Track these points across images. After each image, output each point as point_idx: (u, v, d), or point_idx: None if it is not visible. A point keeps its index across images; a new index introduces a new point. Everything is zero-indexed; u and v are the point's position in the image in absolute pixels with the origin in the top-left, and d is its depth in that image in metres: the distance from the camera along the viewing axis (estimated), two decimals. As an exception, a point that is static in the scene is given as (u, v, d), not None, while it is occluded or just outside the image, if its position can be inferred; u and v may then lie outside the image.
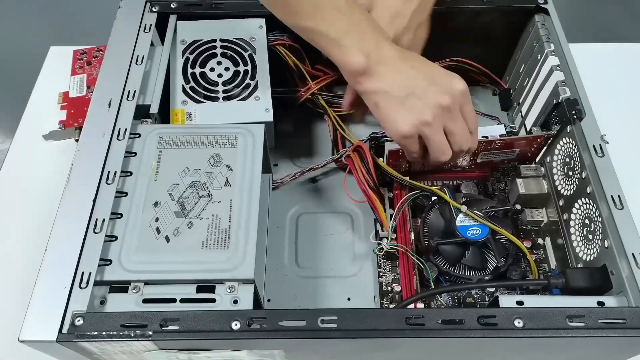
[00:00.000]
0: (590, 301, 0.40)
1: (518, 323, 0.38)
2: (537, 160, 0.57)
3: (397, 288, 0.52)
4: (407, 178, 0.53)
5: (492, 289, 0.51)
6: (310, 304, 0.52)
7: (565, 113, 0.50)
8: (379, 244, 0.52)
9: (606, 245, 0.43)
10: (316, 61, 0.60)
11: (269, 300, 0.52)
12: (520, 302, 0.40)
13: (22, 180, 0.63)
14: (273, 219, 0.57)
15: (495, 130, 0.54)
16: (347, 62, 0.45)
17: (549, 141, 0.54)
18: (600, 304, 0.40)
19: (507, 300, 0.40)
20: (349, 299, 0.53)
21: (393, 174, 0.53)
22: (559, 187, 0.52)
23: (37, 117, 0.68)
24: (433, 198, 0.54)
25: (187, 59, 0.55)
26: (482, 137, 0.53)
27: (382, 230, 0.53)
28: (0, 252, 0.58)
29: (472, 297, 0.52)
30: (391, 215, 0.53)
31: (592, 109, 0.49)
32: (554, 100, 0.53)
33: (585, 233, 0.47)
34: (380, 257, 0.54)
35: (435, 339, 0.38)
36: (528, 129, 0.59)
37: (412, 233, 0.53)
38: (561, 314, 0.38)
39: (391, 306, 0.51)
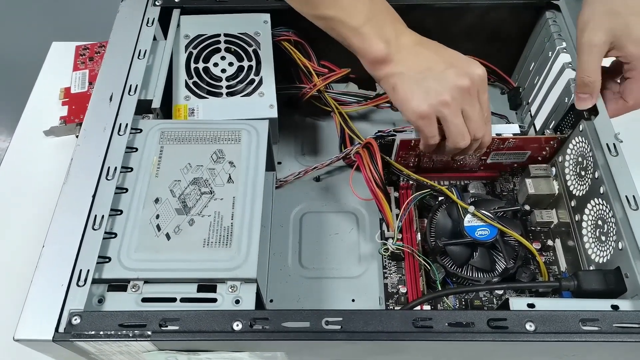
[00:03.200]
0: (604, 304, 0.39)
1: (530, 326, 0.36)
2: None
3: (403, 289, 0.51)
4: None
5: (501, 292, 0.50)
6: (314, 305, 0.51)
7: (582, 114, 0.49)
8: (385, 244, 0.51)
9: (620, 247, 0.42)
10: (322, 58, 0.59)
11: (271, 300, 0.51)
12: (531, 305, 0.39)
13: (22, 176, 0.62)
14: (276, 217, 0.56)
15: (509, 129, 0.53)
16: (368, 50, 0.44)
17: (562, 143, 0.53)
18: (615, 307, 0.38)
19: (518, 303, 0.39)
20: (353, 300, 0.51)
21: (402, 170, 0.52)
22: (571, 188, 0.51)
23: (38, 112, 0.67)
24: (440, 198, 0.53)
25: (191, 53, 0.54)
26: (496, 134, 0.52)
27: (388, 231, 0.52)
28: (0, 249, 0.57)
29: (479, 299, 0.50)
30: (397, 215, 0.52)
31: (605, 106, 0.48)
32: (565, 99, 0.52)
33: (598, 234, 0.46)
34: (385, 258, 0.53)
35: (444, 342, 0.36)
36: (538, 129, 0.58)
37: (419, 233, 0.52)
38: (574, 318, 0.37)
39: (397, 308, 0.50)
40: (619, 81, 0.49)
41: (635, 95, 0.47)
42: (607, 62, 0.48)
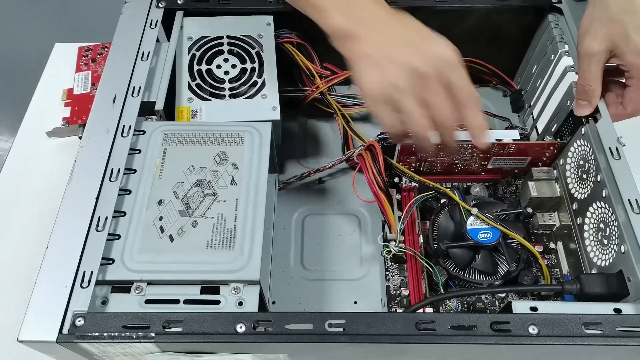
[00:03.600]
0: (606, 308, 0.39)
1: (533, 330, 0.36)
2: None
3: (405, 292, 0.51)
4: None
5: (503, 294, 0.50)
6: (316, 307, 0.51)
7: (581, 120, 0.49)
8: (387, 246, 0.51)
9: (623, 251, 0.42)
10: (325, 60, 0.59)
11: (273, 302, 0.51)
12: (534, 308, 0.39)
13: (24, 177, 0.62)
14: (279, 220, 0.56)
15: (509, 135, 0.53)
16: (329, 25, 0.44)
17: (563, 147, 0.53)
18: (617, 311, 0.38)
19: (521, 306, 0.39)
20: (355, 302, 0.51)
21: (404, 171, 0.52)
22: (573, 191, 0.51)
23: (41, 113, 0.67)
24: (442, 200, 0.53)
25: (194, 55, 0.54)
26: (496, 139, 0.52)
27: (390, 233, 0.52)
28: (2, 250, 0.57)
29: (482, 302, 0.50)
30: (399, 218, 0.52)
31: (607, 110, 0.48)
32: (568, 102, 0.52)
33: (600, 238, 0.46)
34: (388, 260, 0.53)
35: (447, 345, 0.36)
36: (540, 132, 0.58)
37: (421, 236, 0.52)
38: (577, 321, 0.37)
39: (399, 310, 0.50)
40: (616, 90, 0.49)
41: (634, 103, 0.47)
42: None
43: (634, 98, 0.46)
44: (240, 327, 0.36)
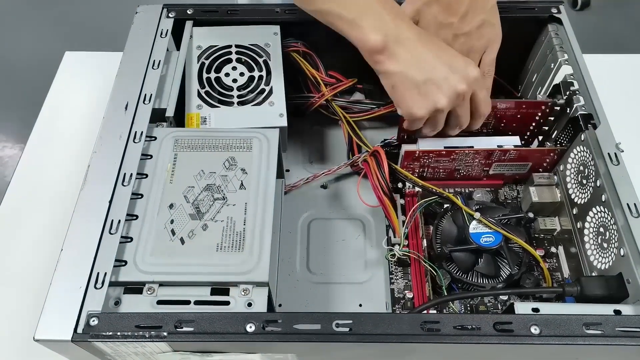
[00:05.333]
0: (606, 309, 0.40)
1: (535, 330, 0.37)
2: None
3: (409, 295, 0.52)
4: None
5: (505, 297, 0.51)
6: (322, 309, 0.52)
7: (580, 128, 0.50)
8: (391, 250, 0.52)
9: (622, 254, 0.43)
10: (330, 68, 0.61)
11: (280, 305, 0.52)
12: (535, 309, 0.40)
13: (36, 184, 0.64)
14: (285, 224, 0.57)
15: (510, 141, 0.54)
16: (365, 42, 0.45)
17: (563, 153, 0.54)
18: (617, 312, 0.39)
19: (523, 307, 0.40)
20: (360, 305, 0.52)
21: (408, 177, 0.53)
22: (573, 196, 0.52)
23: (51, 121, 0.69)
24: (445, 205, 0.54)
25: (203, 64, 0.56)
26: (497, 146, 0.53)
27: (395, 237, 0.53)
28: (17, 253, 0.58)
29: (484, 304, 0.51)
30: (403, 222, 0.53)
31: (606, 116, 0.49)
32: (567, 109, 0.53)
33: (599, 241, 0.47)
34: (392, 264, 0.54)
35: (451, 344, 0.37)
36: (540, 139, 0.59)
37: (425, 240, 0.53)
38: (578, 322, 0.38)
39: (404, 312, 0.51)
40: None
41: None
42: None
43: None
44: (250, 327, 0.37)
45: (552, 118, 0.55)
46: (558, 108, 0.54)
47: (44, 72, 0.79)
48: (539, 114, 0.55)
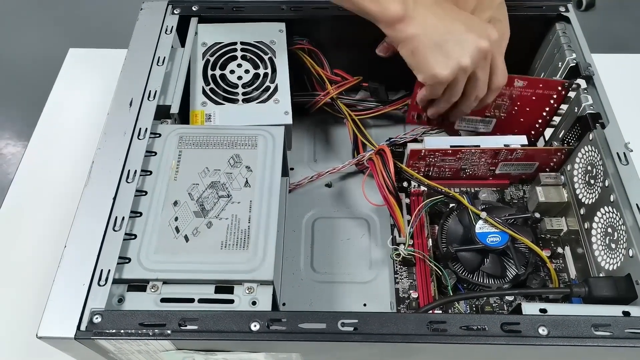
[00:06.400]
0: (615, 310, 0.39)
1: (542, 331, 0.37)
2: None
3: (414, 295, 0.51)
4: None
5: (511, 298, 0.50)
6: (326, 309, 0.51)
7: (588, 127, 0.50)
8: (396, 249, 0.52)
9: (631, 254, 0.42)
10: (335, 66, 0.61)
11: (284, 304, 0.52)
12: (543, 310, 0.39)
13: (39, 181, 0.63)
14: (289, 223, 0.57)
15: (517, 140, 0.54)
16: (384, 12, 0.45)
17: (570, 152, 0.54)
18: (626, 313, 0.39)
19: (530, 308, 0.39)
20: (365, 304, 0.52)
21: (414, 176, 0.53)
22: (580, 196, 0.51)
23: (55, 118, 0.69)
24: (451, 205, 0.54)
25: (208, 61, 0.55)
26: (504, 145, 0.53)
27: (400, 236, 0.53)
28: (20, 251, 0.58)
29: (490, 305, 0.51)
30: (408, 221, 0.53)
31: (615, 116, 0.49)
32: (575, 108, 0.53)
33: (607, 242, 0.46)
34: (397, 263, 0.54)
35: (458, 344, 0.37)
36: (547, 138, 0.59)
37: (430, 239, 0.52)
38: (586, 323, 0.37)
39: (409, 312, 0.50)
40: None
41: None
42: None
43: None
44: (255, 326, 0.37)
45: (564, 108, 0.55)
46: (573, 94, 0.53)
47: (48, 68, 0.79)
48: (554, 96, 0.54)
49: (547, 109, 0.55)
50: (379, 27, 0.47)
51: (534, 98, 0.54)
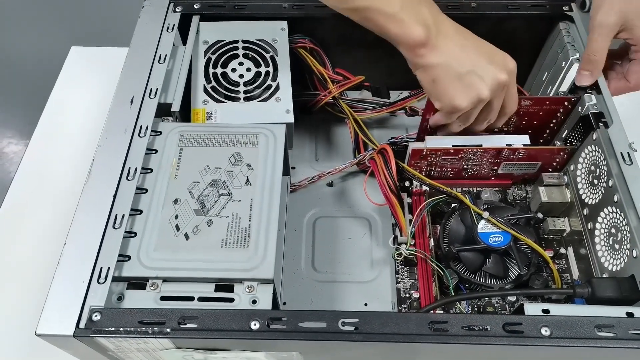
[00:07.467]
0: (618, 311, 0.39)
1: (545, 331, 0.36)
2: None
3: (416, 294, 0.51)
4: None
5: (514, 298, 0.50)
6: (327, 308, 0.51)
7: (591, 126, 0.49)
8: (398, 249, 0.51)
9: (635, 255, 0.42)
10: (337, 65, 0.60)
11: (284, 303, 0.52)
12: (546, 311, 0.39)
13: (40, 178, 0.63)
14: (290, 222, 0.57)
15: (519, 140, 0.53)
16: (407, 35, 0.44)
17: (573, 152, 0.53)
18: (630, 314, 0.38)
19: (533, 308, 0.39)
20: (366, 304, 0.52)
21: (416, 175, 0.53)
22: (583, 196, 0.51)
23: (56, 116, 0.69)
24: (453, 204, 0.54)
25: (209, 59, 0.55)
26: (507, 144, 0.52)
27: (401, 236, 0.52)
28: (19, 248, 0.58)
29: (492, 305, 0.50)
30: (410, 221, 0.53)
31: (619, 115, 0.48)
32: (579, 108, 0.52)
33: (611, 242, 0.46)
34: (398, 263, 0.53)
35: (459, 345, 0.37)
36: (548, 139, 0.58)
37: (432, 239, 0.52)
38: (589, 324, 0.37)
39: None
40: (621, 64, 0.53)
41: (637, 77, 0.51)
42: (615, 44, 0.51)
43: (637, 71, 0.50)
44: (255, 325, 0.37)
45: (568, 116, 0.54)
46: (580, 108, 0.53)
47: (50, 67, 0.79)
48: (561, 110, 0.54)
49: (554, 121, 0.55)
50: (398, 49, 0.46)
51: (541, 113, 0.54)
